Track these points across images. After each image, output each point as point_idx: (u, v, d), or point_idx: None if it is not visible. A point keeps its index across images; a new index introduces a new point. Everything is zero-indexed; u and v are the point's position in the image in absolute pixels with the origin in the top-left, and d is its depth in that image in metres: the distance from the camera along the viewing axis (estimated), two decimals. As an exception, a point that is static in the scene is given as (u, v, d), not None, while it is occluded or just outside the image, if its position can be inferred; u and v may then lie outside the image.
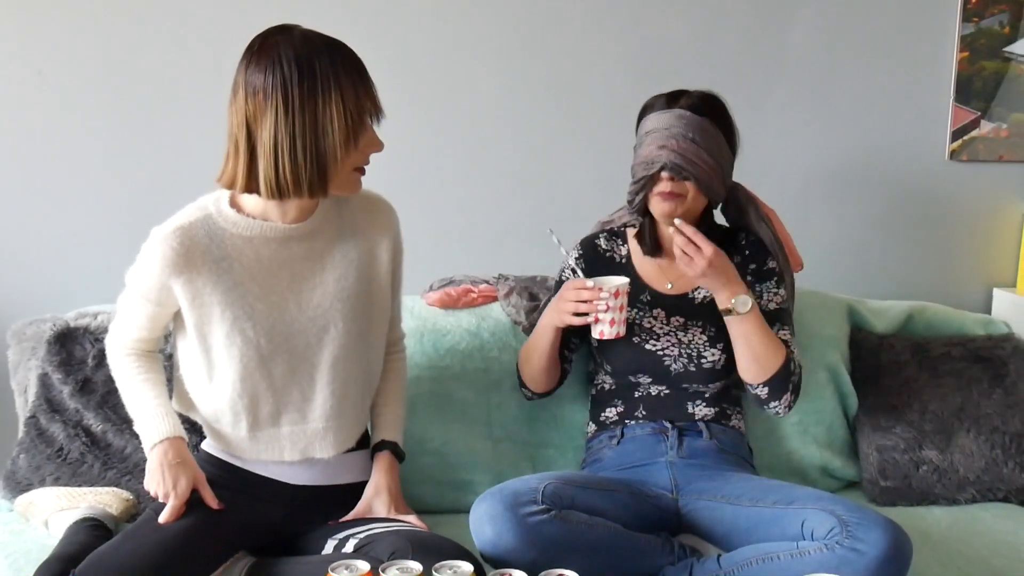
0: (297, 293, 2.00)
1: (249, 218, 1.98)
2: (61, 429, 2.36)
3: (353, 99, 1.88)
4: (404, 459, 2.17)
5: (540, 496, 1.93)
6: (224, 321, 1.96)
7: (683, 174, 2.15)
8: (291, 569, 1.93)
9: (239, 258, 1.97)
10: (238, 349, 1.97)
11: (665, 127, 2.16)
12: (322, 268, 2.02)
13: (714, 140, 2.17)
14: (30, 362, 2.45)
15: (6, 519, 2.28)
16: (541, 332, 2.23)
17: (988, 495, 2.46)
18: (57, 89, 2.69)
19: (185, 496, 1.93)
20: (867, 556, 1.84)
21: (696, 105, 2.18)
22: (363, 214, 2.09)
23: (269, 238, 1.98)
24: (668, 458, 2.21)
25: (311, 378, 2.03)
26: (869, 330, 2.66)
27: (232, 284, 1.96)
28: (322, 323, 2.01)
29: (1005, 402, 2.55)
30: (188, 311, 1.97)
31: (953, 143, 2.90)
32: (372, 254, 2.08)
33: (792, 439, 2.52)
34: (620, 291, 2.08)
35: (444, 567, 1.72)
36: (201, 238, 1.95)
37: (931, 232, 2.94)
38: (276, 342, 1.99)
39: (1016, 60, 2.87)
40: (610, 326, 2.09)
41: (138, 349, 2.08)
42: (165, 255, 1.93)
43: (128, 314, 2.05)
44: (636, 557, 2.00)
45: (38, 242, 2.75)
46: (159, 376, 2.08)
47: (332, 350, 2.02)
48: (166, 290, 1.96)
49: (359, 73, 1.91)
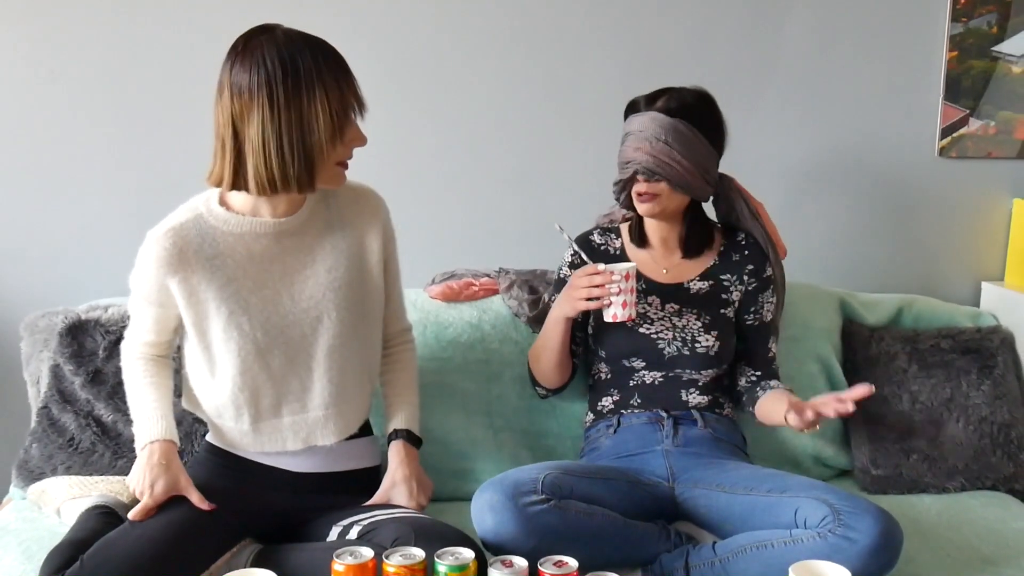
0: (289, 286, 2.00)
1: (239, 215, 1.98)
2: (72, 419, 2.36)
3: (337, 95, 1.88)
4: (421, 445, 2.16)
5: (540, 486, 1.92)
6: (220, 317, 1.96)
7: (655, 176, 2.16)
8: (297, 556, 1.92)
9: (231, 255, 1.97)
10: (235, 343, 1.97)
11: (640, 129, 2.18)
12: (312, 260, 2.02)
13: (688, 140, 2.16)
14: (42, 354, 2.45)
15: (19, 507, 2.28)
16: (551, 327, 2.23)
17: (977, 483, 2.45)
18: (68, 88, 2.68)
19: (159, 499, 1.91)
20: (859, 544, 1.84)
21: (672, 107, 2.17)
22: (351, 205, 2.09)
23: (259, 233, 1.98)
24: (664, 447, 2.21)
25: (309, 367, 2.02)
26: (860, 322, 2.66)
27: (226, 280, 1.96)
28: (315, 313, 2.01)
29: (993, 393, 2.54)
30: (185, 309, 1.97)
31: (942, 140, 2.89)
32: (362, 244, 2.08)
33: (785, 429, 2.48)
34: (630, 274, 2.09)
35: (446, 553, 1.72)
36: (193, 237, 1.95)
37: (921, 227, 2.94)
38: (272, 334, 1.99)
39: (1004, 59, 2.86)
40: (622, 308, 2.09)
41: (148, 353, 2.07)
42: (159, 256, 1.94)
43: (137, 317, 2.06)
44: (633, 545, 1.99)
45: (50, 237, 2.74)
46: (164, 380, 2.07)
47: (327, 339, 2.02)
48: (164, 290, 1.97)
49: (341, 69, 1.91)
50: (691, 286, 2.30)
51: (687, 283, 2.30)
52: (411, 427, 2.15)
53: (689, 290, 2.29)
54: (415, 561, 1.69)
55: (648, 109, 2.19)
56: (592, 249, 2.35)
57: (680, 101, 2.19)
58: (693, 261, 2.31)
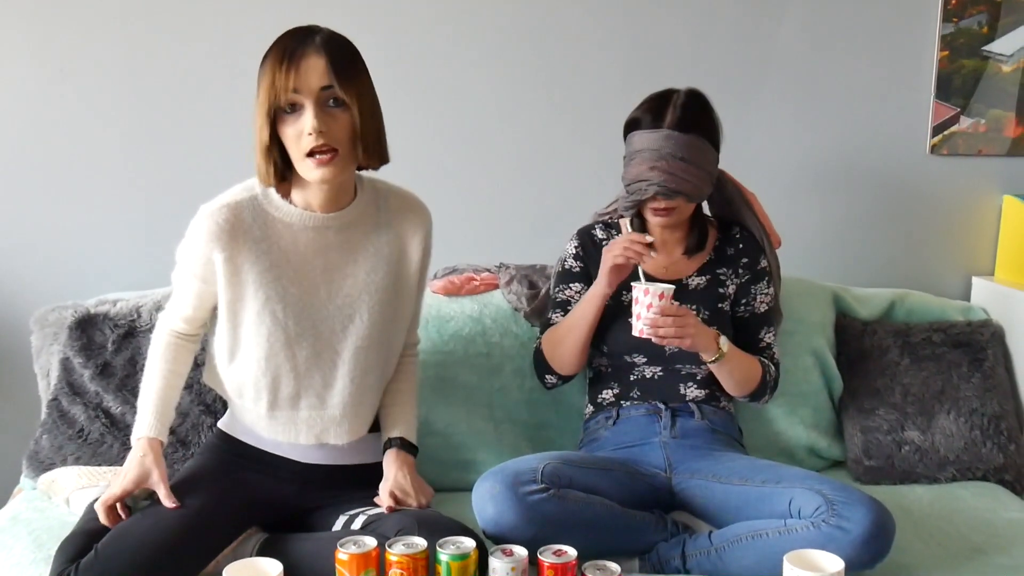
0: (328, 281, 1.99)
1: (292, 205, 1.97)
2: (82, 411, 2.36)
3: (269, 86, 1.85)
4: (417, 453, 2.12)
5: (539, 476, 1.92)
6: (256, 300, 1.95)
7: (675, 196, 2.15)
8: (302, 545, 1.91)
9: (278, 241, 1.96)
10: (266, 328, 1.96)
11: (655, 148, 2.14)
12: (354, 260, 2.01)
13: (700, 152, 2.15)
14: (52, 347, 2.45)
15: (30, 497, 2.27)
16: (585, 305, 2.21)
17: (967, 474, 2.45)
18: (78, 86, 2.68)
19: (127, 489, 1.89)
20: (852, 533, 1.83)
21: (684, 123, 2.14)
22: (400, 212, 2.07)
23: (308, 226, 1.97)
24: (662, 438, 2.20)
25: (333, 365, 2.01)
26: (854, 316, 2.65)
27: (268, 265, 1.95)
28: (348, 312, 2.00)
29: (983, 385, 2.54)
30: (224, 288, 1.95)
31: (934, 138, 2.88)
32: (403, 251, 2.06)
33: (780, 420, 2.51)
34: (665, 294, 2.05)
35: (448, 543, 1.72)
36: (246, 217, 1.95)
37: (913, 223, 2.93)
38: (303, 326, 1.97)
39: (994, 58, 2.85)
40: (648, 326, 2.06)
41: (178, 332, 2.05)
42: (210, 229, 1.93)
43: (177, 290, 2.04)
44: (631, 534, 1.99)
45: (59, 233, 2.74)
46: (179, 368, 2.05)
47: (355, 340, 2.00)
48: (210, 265, 1.95)
49: (280, 56, 1.84)
50: (690, 282, 2.29)
51: (686, 279, 2.29)
52: (408, 436, 2.11)
53: (688, 286, 2.28)
54: (417, 550, 1.69)
55: (657, 126, 2.16)
56: (594, 244, 2.34)
57: (687, 113, 2.16)
58: (690, 257, 2.30)
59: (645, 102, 2.22)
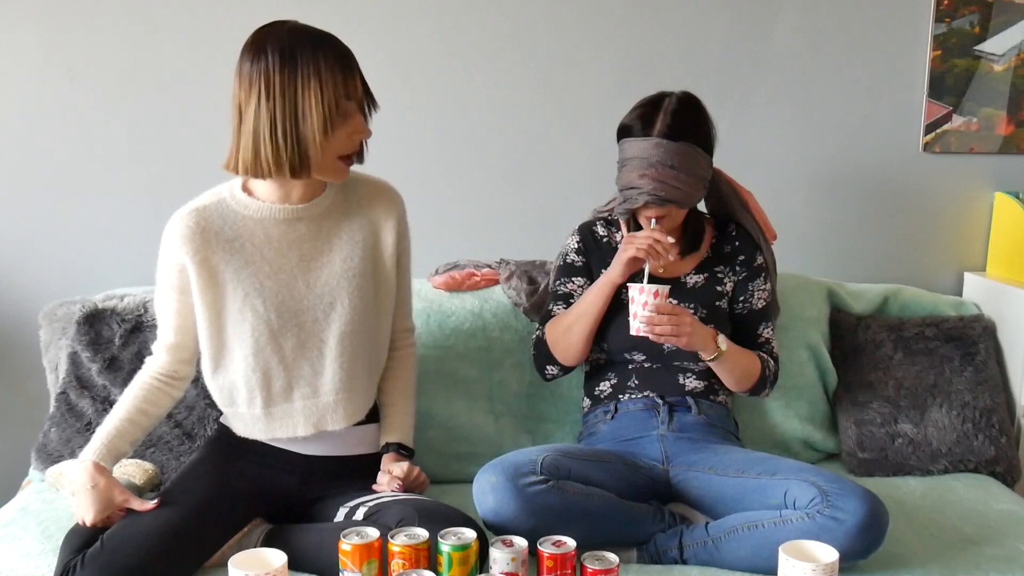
0: (306, 272, 1.99)
1: (259, 201, 1.98)
2: (90, 404, 2.35)
3: (332, 87, 1.86)
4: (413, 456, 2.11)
5: (539, 467, 1.91)
6: (236, 298, 1.95)
7: (666, 204, 2.14)
8: (305, 535, 1.91)
9: (250, 238, 1.97)
10: (250, 324, 1.96)
11: (644, 156, 2.13)
12: (329, 248, 2.01)
13: (691, 158, 2.14)
14: (60, 341, 2.44)
15: (38, 488, 2.27)
16: (595, 293, 2.20)
17: (960, 466, 2.44)
18: (86, 85, 2.68)
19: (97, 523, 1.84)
20: (846, 524, 1.83)
21: (671, 130, 2.12)
22: (369, 199, 2.07)
23: (278, 219, 1.98)
24: (659, 432, 2.19)
25: (320, 352, 2.01)
26: (848, 311, 2.65)
27: (243, 262, 1.96)
28: (329, 300, 2.00)
29: (975, 379, 2.53)
30: (203, 292, 1.95)
31: (927, 136, 2.87)
32: (377, 237, 2.06)
33: (775, 414, 2.50)
34: (660, 292, 2.06)
35: (449, 534, 1.71)
36: (215, 219, 1.96)
37: (906, 219, 2.92)
38: (285, 318, 1.97)
39: (986, 58, 2.85)
40: (645, 324, 2.06)
41: (163, 373, 2.02)
42: (181, 233, 1.94)
43: (159, 318, 2.04)
44: (629, 524, 1.99)
45: (68, 229, 2.74)
46: (151, 409, 2.00)
47: (339, 326, 2.00)
48: (184, 273, 1.96)
49: (340, 62, 1.88)
50: (687, 280, 2.28)
51: (683, 277, 2.28)
52: (404, 440, 2.11)
53: (686, 284, 2.27)
54: (419, 541, 1.69)
55: (647, 134, 2.14)
56: (595, 240, 2.33)
57: (677, 120, 2.13)
58: (687, 255, 2.29)
59: (636, 108, 2.20)
